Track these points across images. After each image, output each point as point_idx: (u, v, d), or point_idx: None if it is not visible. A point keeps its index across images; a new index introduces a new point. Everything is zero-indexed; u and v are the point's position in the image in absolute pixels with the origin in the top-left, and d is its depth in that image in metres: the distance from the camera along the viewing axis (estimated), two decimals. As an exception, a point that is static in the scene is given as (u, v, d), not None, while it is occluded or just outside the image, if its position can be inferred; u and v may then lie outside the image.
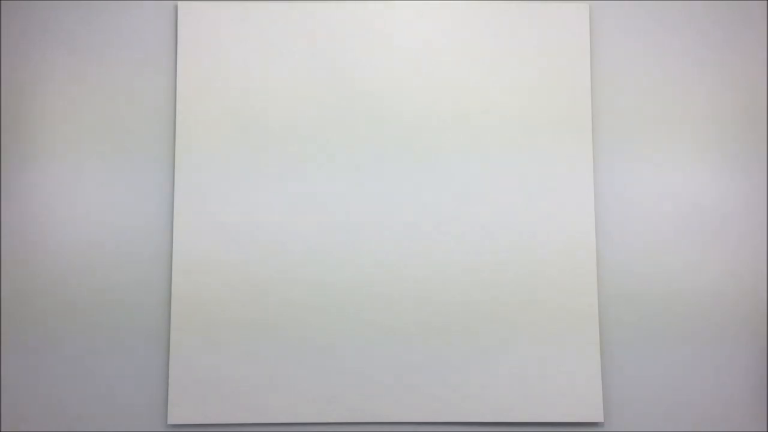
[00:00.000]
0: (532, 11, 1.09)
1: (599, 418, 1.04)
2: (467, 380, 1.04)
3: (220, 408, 1.03)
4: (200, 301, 1.04)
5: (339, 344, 1.04)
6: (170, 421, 1.03)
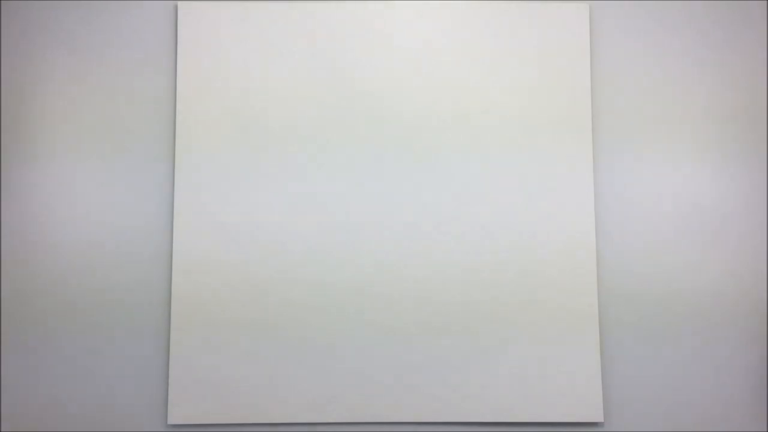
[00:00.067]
0: (532, 11, 1.09)
1: (599, 418, 1.04)
2: (467, 380, 1.04)
3: (220, 408, 1.03)
4: (200, 301, 1.04)
5: (339, 344, 1.04)
6: (170, 421, 1.03)
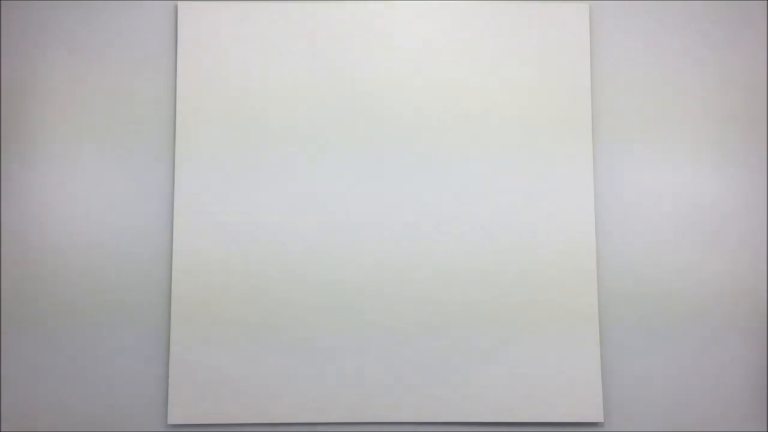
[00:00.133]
0: (532, 11, 1.09)
1: (599, 418, 1.04)
2: (467, 380, 1.04)
3: (220, 408, 1.03)
4: (200, 300, 1.04)
5: (339, 344, 1.04)
6: (170, 421, 1.03)
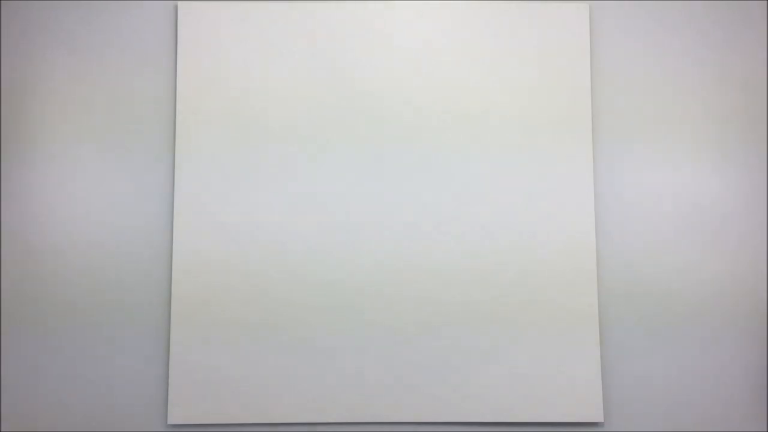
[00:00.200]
0: (532, 11, 1.09)
1: (599, 418, 1.04)
2: (467, 380, 1.04)
3: (220, 408, 1.03)
4: (200, 300, 1.04)
5: (339, 344, 1.04)
6: (170, 421, 1.03)
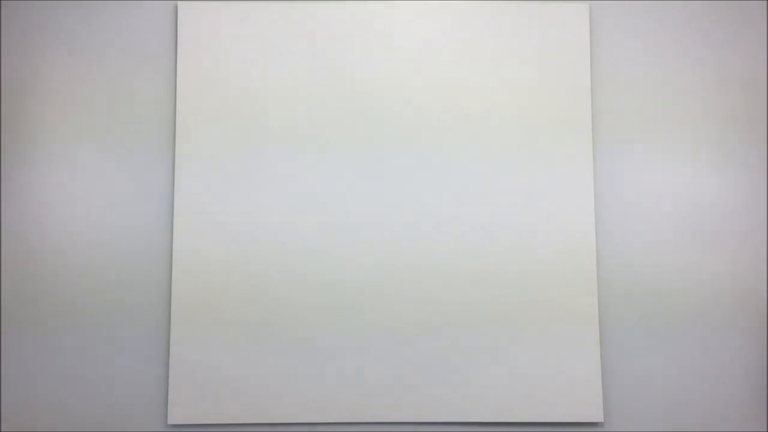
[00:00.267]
0: (532, 11, 1.09)
1: (599, 418, 1.04)
2: (467, 380, 1.04)
3: (220, 408, 1.03)
4: (200, 300, 1.04)
5: (339, 344, 1.04)
6: (170, 421, 1.03)
